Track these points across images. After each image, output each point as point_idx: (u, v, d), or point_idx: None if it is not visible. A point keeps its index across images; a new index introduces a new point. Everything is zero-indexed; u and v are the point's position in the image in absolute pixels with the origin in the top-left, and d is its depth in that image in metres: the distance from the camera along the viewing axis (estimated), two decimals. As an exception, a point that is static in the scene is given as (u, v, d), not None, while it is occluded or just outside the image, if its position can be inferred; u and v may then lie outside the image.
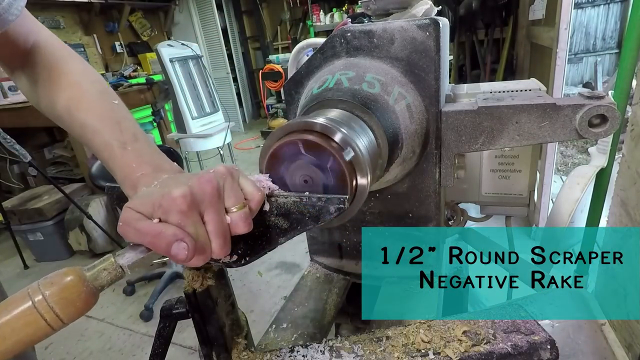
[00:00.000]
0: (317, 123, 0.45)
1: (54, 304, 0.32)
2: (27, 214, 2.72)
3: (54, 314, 0.32)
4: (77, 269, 0.35)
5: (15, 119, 2.79)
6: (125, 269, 0.37)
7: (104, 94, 0.54)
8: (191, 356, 1.87)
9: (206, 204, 0.37)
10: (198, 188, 0.37)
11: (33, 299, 0.32)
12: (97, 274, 0.36)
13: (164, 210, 0.36)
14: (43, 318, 0.32)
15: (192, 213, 0.37)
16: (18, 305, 0.32)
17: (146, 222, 0.36)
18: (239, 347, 0.50)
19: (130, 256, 0.37)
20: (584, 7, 4.22)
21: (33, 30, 0.58)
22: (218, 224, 0.38)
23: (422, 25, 0.62)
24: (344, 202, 0.41)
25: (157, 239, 0.35)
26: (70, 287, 0.33)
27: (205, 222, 0.38)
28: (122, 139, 0.48)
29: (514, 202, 0.90)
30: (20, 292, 0.33)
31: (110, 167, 0.49)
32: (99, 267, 0.36)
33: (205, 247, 0.38)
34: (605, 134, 0.58)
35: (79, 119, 0.52)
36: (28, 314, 0.31)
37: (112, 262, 0.36)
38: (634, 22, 0.84)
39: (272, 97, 5.46)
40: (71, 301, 0.33)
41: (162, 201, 0.36)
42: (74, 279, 0.34)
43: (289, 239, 0.43)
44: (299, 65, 0.75)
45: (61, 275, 0.34)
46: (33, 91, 0.59)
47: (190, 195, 0.36)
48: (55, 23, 4.56)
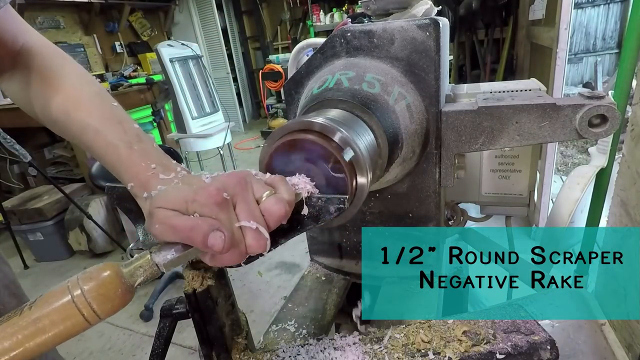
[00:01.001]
0: (317, 123, 0.45)
1: (91, 299, 0.32)
2: (27, 214, 2.72)
3: (91, 309, 0.32)
4: (114, 265, 0.35)
5: (15, 119, 2.78)
6: (160, 266, 0.37)
7: (102, 95, 0.54)
8: (191, 356, 1.87)
9: (237, 197, 0.38)
10: (228, 182, 0.38)
11: (72, 294, 0.32)
12: (133, 271, 0.36)
13: (199, 204, 0.37)
14: (81, 313, 0.32)
15: (227, 206, 0.37)
16: (58, 299, 0.32)
17: (181, 217, 0.37)
18: (239, 347, 0.50)
19: (166, 254, 0.37)
20: (584, 7, 4.22)
21: (21, 31, 0.58)
22: (249, 214, 0.38)
23: (422, 25, 0.62)
24: (343, 202, 0.41)
25: (193, 232, 0.35)
26: (107, 284, 0.34)
27: (237, 214, 0.38)
28: (127, 139, 0.48)
29: (514, 202, 0.90)
30: (60, 286, 0.33)
31: (114, 167, 0.48)
32: (135, 265, 0.36)
33: (239, 241, 0.38)
34: (605, 134, 0.58)
35: (78, 120, 0.51)
36: (67, 308, 0.32)
37: (149, 260, 0.36)
38: (634, 22, 0.84)
39: (272, 97, 5.46)
40: (108, 297, 0.33)
41: (196, 196, 0.37)
42: (111, 275, 0.34)
43: (289, 239, 0.43)
44: (299, 65, 0.75)
45: (99, 271, 0.34)
46: (25, 94, 0.57)
47: (223, 188, 0.37)
48: (55, 23, 4.56)
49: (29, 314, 0.32)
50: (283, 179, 0.42)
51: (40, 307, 0.32)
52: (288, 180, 0.43)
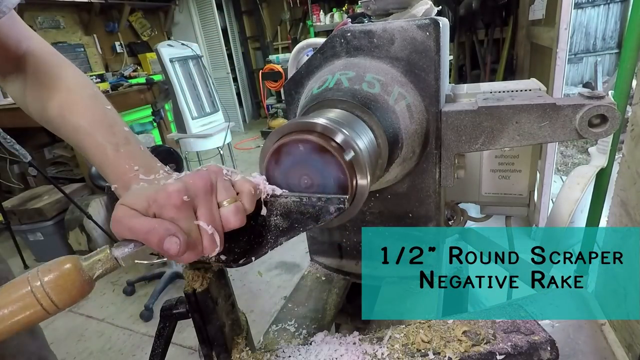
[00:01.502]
0: (317, 123, 0.45)
1: (50, 290, 0.34)
2: (27, 214, 2.72)
3: (49, 300, 0.34)
4: (74, 258, 0.36)
5: (15, 119, 2.78)
6: (119, 260, 0.37)
7: (96, 99, 0.56)
8: (191, 356, 1.87)
9: (199, 199, 0.38)
10: (191, 184, 0.38)
11: (31, 285, 0.34)
12: (92, 265, 0.37)
13: (158, 205, 0.37)
14: (39, 303, 0.33)
15: (186, 208, 0.38)
16: (17, 290, 0.34)
17: (140, 218, 0.37)
18: (239, 347, 0.50)
19: (126, 249, 0.38)
20: (584, 7, 4.22)
21: (25, 36, 0.60)
22: (209, 218, 0.38)
23: (422, 25, 0.62)
24: (344, 202, 0.41)
25: (149, 235, 0.36)
26: (66, 275, 0.35)
27: (197, 216, 0.38)
28: (115, 141, 0.50)
29: (514, 202, 0.90)
30: (20, 278, 0.35)
31: (102, 168, 0.50)
32: (94, 258, 0.37)
33: (197, 243, 0.38)
34: (605, 134, 0.58)
35: (71, 122, 0.54)
36: (26, 299, 0.33)
37: (107, 254, 0.37)
38: (634, 22, 0.84)
39: (272, 97, 5.46)
40: (66, 289, 0.34)
41: (157, 196, 0.37)
42: (70, 268, 0.35)
43: (289, 239, 0.43)
44: (299, 65, 0.75)
45: (59, 263, 0.35)
46: (27, 96, 0.60)
47: (184, 190, 0.38)
48: (55, 23, 4.56)
49: None
50: (250, 187, 0.42)
51: (0, 297, 0.34)
52: (250, 179, 0.44)
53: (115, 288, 2.51)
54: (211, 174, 0.40)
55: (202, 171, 0.40)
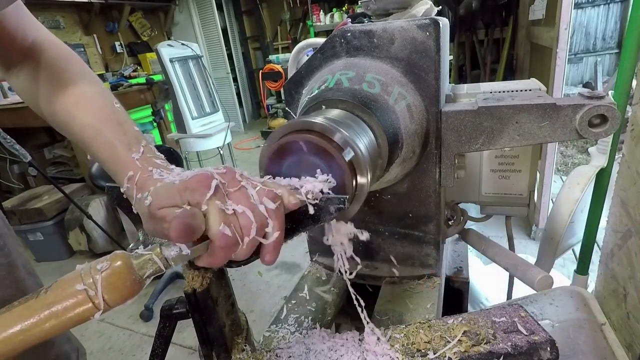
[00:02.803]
0: (317, 123, 0.45)
1: (102, 288, 0.33)
2: (27, 214, 2.72)
3: (101, 298, 0.33)
4: (125, 255, 0.36)
5: (15, 119, 2.78)
6: (170, 260, 0.37)
7: (104, 96, 0.55)
8: (191, 356, 1.88)
9: (228, 183, 0.38)
10: (220, 172, 0.39)
11: (85, 281, 0.33)
12: (143, 264, 0.36)
13: (190, 191, 0.37)
14: (91, 300, 0.33)
15: (218, 189, 0.37)
16: (70, 286, 0.33)
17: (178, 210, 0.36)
18: (239, 347, 0.50)
19: (176, 249, 0.37)
20: (584, 7, 4.22)
21: (32, 27, 0.58)
22: (244, 201, 0.38)
23: (422, 25, 0.62)
24: (344, 202, 0.41)
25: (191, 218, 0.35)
26: (118, 274, 0.34)
27: (230, 198, 0.38)
28: (127, 140, 0.49)
29: (514, 202, 0.90)
30: (73, 274, 0.34)
31: (111, 167, 0.49)
32: (145, 257, 0.36)
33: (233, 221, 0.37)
34: (605, 134, 0.57)
35: (79, 118, 0.52)
36: (79, 296, 0.33)
37: (159, 253, 0.37)
38: (634, 22, 0.84)
39: (272, 97, 5.46)
40: (117, 287, 0.34)
41: (187, 183, 0.37)
42: (121, 266, 0.35)
43: (289, 239, 0.43)
44: (299, 65, 0.75)
45: (110, 261, 0.35)
46: (30, 90, 0.58)
47: (211, 175, 0.38)
48: (55, 23, 4.56)
49: (44, 298, 0.33)
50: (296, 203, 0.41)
51: (54, 292, 0.34)
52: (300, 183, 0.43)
53: (115, 288, 2.51)
54: (237, 171, 0.40)
55: (230, 167, 0.40)
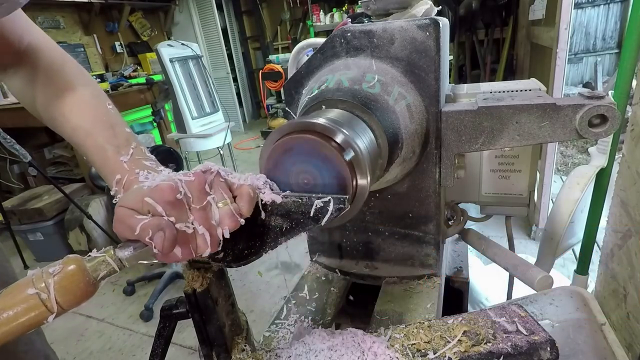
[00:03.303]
0: (317, 123, 0.45)
1: (54, 292, 0.33)
2: (27, 214, 2.71)
3: (54, 302, 0.34)
4: (78, 259, 0.36)
5: (15, 119, 2.78)
6: (124, 261, 0.37)
7: (98, 98, 0.56)
8: (191, 356, 1.87)
9: (193, 198, 0.38)
10: (186, 182, 0.39)
11: (36, 286, 0.33)
12: (96, 266, 0.36)
13: (152, 203, 0.37)
14: (44, 304, 0.33)
15: (179, 205, 0.38)
16: (22, 291, 0.33)
17: (136, 217, 0.37)
18: (239, 347, 0.50)
19: (129, 249, 0.37)
20: (584, 7, 4.22)
21: (28, 30, 0.59)
22: (202, 217, 0.38)
23: (422, 25, 0.62)
24: (344, 202, 0.41)
25: (142, 231, 0.36)
26: (70, 277, 0.34)
27: (192, 214, 0.38)
28: (116, 143, 0.50)
29: (514, 202, 0.90)
30: (25, 279, 0.34)
31: (101, 169, 0.50)
32: (98, 259, 0.37)
33: (190, 240, 0.38)
34: (605, 134, 0.57)
35: (72, 121, 0.53)
36: (30, 300, 0.33)
37: (112, 254, 0.37)
38: (634, 22, 0.84)
39: (272, 97, 5.45)
40: (71, 290, 0.34)
41: (150, 193, 0.38)
42: (74, 269, 0.35)
43: (288, 239, 0.43)
44: (299, 65, 0.75)
45: (63, 265, 0.35)
46: (25, 91, 0.59)
47: (177, 187, 0.38)
48: (55, 23, 4.56)
49: None
50: (249, 190, 0.41)
51: (4, 299, 0.33)
52: (252, 181, 0.43)
53: (115, 288, 2.51)
54: (207, 173, 0.40)
55: (197, 170, 0.40)
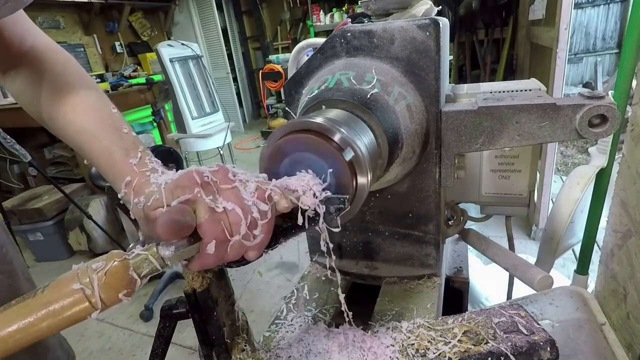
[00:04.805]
0: (317, 123, 0.45)
1: (98, 287, 0.34)
2: (27, 214, 2.72)
3: (98, 297, 0.34)
4: (121, 255, 0.36)
5: (15, 119, 2.78)
6: (166, 259, 0.37)
7: (101, 101, 0.55)
8: (191, 356, 1.88)
9: (221, 183, 0.38)
10: (210, 170, 0.39)
11: (81, 281, 0.34)
12: (139, 263, 0.36)
13: (181, 188, 0.37)
14: (88, 300, 0.33)
15: (209, 185, 0.38)
16: (67, 285, 0.34)
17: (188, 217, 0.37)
18: (239, 347, 0.50)
19: (172, 249, 0.37)
20: (584, 7, 4.22)
21: (30, 31, 0.58)
22: (235, 199, 0.38)
23: (422, 25, 0.62)
24: (344, 202, 0.41)
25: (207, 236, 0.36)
26: (114, 273, 0.35)
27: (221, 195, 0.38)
28: (124, 146, 0.49)
29: (514, 202, 0.90)
30: (70, 273, 0.35)
31: (108, 172, 0.49)
32: (142, 257, 0.36)
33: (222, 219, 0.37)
34: (606, 134, 0.57)
35: (75, 123, 0.52)
36: (75, 295, 0.33)
37: (154, 253, 0.36)
38: (634, 22, 0.84)
39: (272, 97, 5.46)
40: (114, 287, 0.34)
41: (178, 181, 0.38)
42: (118, 265, 0.35)
43: (288, 239, 0.43)
44: (299, 65, 0.75)
45: (106, 260, 0.35)
46: (29, 94, 0.58)
47: (201, 171, 0.38)
48: (55, 23, 4.56)
49: (41, 297, 0.33)
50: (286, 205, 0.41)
51: (51, 291, 0.34)
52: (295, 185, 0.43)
53: (115, 288, 2.51)
54: (229, 169, 0.41)
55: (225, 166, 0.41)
